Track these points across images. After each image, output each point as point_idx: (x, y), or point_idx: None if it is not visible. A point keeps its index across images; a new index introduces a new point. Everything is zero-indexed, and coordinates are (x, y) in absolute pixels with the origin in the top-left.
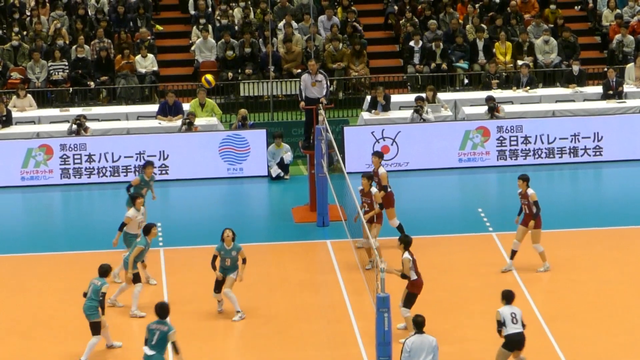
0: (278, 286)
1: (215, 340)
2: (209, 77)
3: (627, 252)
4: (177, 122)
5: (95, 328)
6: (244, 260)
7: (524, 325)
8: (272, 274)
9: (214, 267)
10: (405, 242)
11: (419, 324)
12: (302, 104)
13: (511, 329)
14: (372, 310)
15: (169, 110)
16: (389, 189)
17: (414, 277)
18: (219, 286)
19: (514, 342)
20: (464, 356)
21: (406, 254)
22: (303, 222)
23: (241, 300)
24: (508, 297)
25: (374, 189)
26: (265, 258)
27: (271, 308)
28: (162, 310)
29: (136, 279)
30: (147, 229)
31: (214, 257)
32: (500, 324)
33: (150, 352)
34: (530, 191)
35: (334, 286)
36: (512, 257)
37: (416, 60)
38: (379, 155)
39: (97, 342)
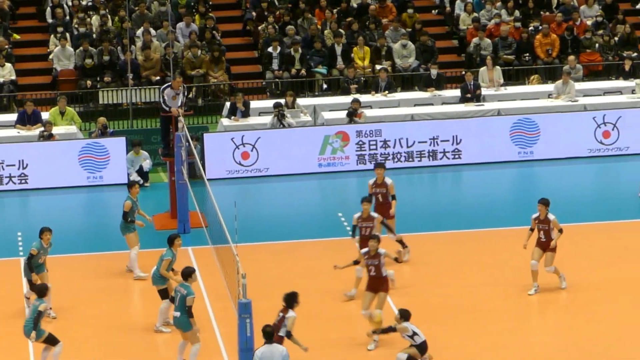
0: (138, 295)
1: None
2: None
3: (488, 255)
4: (36, 131)
5: (191, 337)
6: None
7: None
8: (133, 283)
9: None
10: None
11: (267, 334)
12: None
13: (422, 336)
14: (234, 317)
15: (27, 120)
16: None
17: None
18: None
19: (426, 346)
20: None
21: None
22: (164, 229)
23: (100, 312)
24: (408, 315)
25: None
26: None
27: (130, 317)
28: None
29: (164, 295)
30: (171, 240)
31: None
32: (413, 334)
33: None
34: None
35: (196, 293)
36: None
37: (275, 66)
38: None
39: (198, 350)
